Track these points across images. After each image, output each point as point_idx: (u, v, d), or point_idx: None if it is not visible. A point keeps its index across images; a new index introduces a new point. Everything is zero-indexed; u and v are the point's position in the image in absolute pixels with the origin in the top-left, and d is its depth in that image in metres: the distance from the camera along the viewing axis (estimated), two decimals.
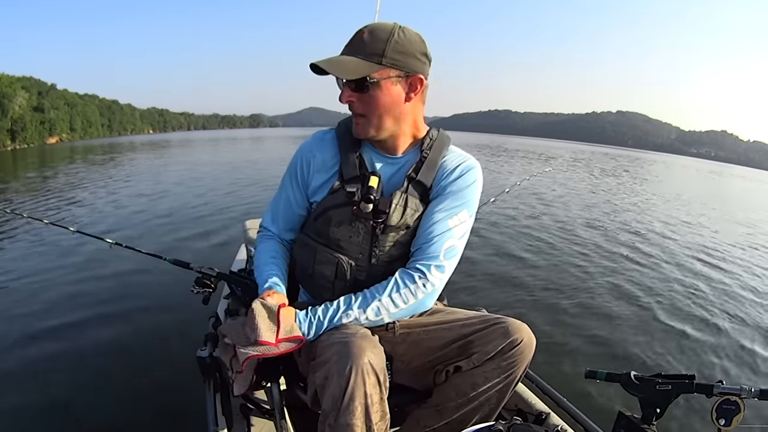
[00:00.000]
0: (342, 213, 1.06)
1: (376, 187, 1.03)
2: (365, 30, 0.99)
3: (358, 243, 1.07)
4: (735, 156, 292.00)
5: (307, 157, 1.13)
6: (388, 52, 0.97)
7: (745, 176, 48.98)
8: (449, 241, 1.06)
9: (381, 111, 1.02)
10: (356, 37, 0.99)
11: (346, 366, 0.85)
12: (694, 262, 5.63)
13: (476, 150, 29.28)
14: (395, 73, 0.99)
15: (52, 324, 3.02)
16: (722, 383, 0.93)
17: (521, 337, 1.01)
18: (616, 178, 18.49)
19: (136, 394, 2.25)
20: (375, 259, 1.08)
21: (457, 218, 1.08)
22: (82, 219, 6.50)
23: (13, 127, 41.14)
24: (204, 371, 1.32)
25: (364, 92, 1.00)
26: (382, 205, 1.04)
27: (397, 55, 0.98)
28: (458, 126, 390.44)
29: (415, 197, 1.08)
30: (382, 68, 0.98)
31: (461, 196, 1.09)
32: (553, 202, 9.43)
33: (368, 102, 1.01)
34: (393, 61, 0.98)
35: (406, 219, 1.07)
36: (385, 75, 0.99)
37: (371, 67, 0.97)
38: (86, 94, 67.22)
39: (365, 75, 0.97)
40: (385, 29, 0.99)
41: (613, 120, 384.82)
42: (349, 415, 0.86)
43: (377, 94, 1.00)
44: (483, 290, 3.97)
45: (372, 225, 1.06)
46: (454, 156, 1.13)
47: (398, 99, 1.03)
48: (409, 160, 1.11)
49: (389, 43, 0.97)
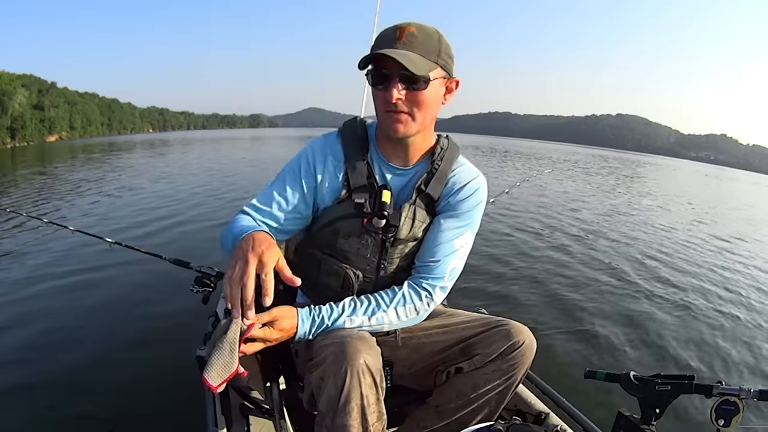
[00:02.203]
0: (351, 225, 1.03)
1: (389, 202, 1.00)
2: (412, 27, 0.93)
3: (366, 255, 1.05)
4: (734, 160, 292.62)
5: (312, 158, 1.06)
6: (442, 53, 0.95)
7: (745, 179, 49.01)
8: (454, 262, 1.06)
9: (426, 109, 0.98)
10: (406, 32, 0.92)
11: (341, 367, 0.85)
12: (694, 261, 5.64)
13: (476, 151, 29.30)
14: (443, 74, 0.97)
15: (51, 324, 3.01)
16: (721, 384, 0.93)
17: (523, 339, 1.01)
18: (615, 179, 18.52)
19: (135, 394, 2.24)
20: (383, 272, 1.07)
21: (463, 239, 1.07)
22: (82, 218, 6.48)
23: (12, 125, 41.16)
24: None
25: (418, 90, 0.94)
26: (392, 219, 1.01)
27: (446, 57, 0.96)
28: (458, 128, 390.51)
29: (422, 209, 1.06)
30: (437, 67, 0.95)
31: (468, 216, 1.08)
32: (552, 203, 9.42)
33: (418, 100, 0.96)
34: (444, 62, 0.96)
35: (415, 231, 1.05)
36: (437, 75, 0.96)
37: (431, 66, 0.93)
38: (86, 93, 67.47)
39: (428, 72, 0.93)
40: (432, 29, 0.95)
41: (613, 123, 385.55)
42: (345, 416, 0.86)
43: (429, 92, 0.96)
44: (483, 291, 3.97)
45: (382, 239, 1.04)
46: (464, 171, 1.10)
47: (439, 99, 1.00)
48: (419, 171, 1.08)
49: (441, 43, 0.95)
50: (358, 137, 1.07)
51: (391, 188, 1.03)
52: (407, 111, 0.96)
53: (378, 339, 1.02)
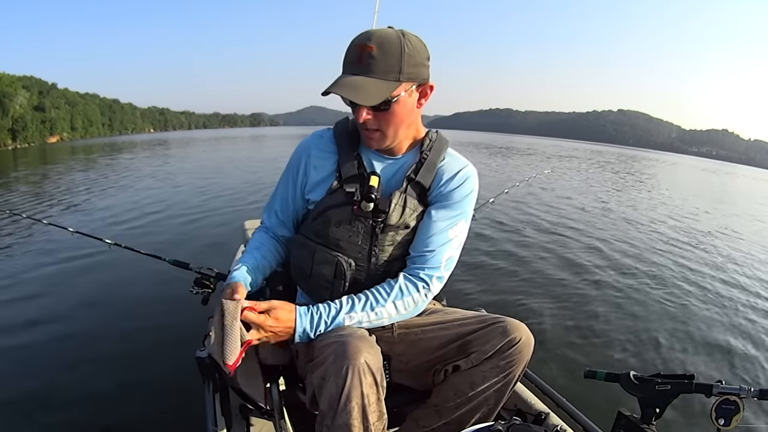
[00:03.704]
0: (342, 212, 1.06)
1: (377, 186, 1.04)
2: (371, 45, 0.92)
3: (358, 243, 1.07)
4: (736, 155, 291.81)
5: (305, 155, 1.12)
6: (404, 68, 0.94)
7: (746, 175, 48.89)
8: (449, 252, 1.07)
9: (398, 124, 1.01)
10: (365, 53, 0.93)
11: (342, 366, 0.86)
12: (693, 262, 5.63)
13: (476, 149, 29.26)
14: (410, 85, 0.98)
15: (50, 325, 3.02)
16: (722, 383, 0.93)
17: (519, 336, 1.01)
18: (615, 175, 18.48)
19: (134, 395, 2.25)
20: (375, 259, 1.08)
21: (457, 228, 1.08)
22: (82, 219, 6.50)
23: (14, 126, 41.24)
24: (203, 371, 1.32)
25: (384, 110, 0.97)
26: (381, 205, 1.04)
27: (411, 69, 0.95)
28: (459, 125, 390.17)
29: (413, 197, 1.08)
30: (400, 84, 0.95)
31: (460, 206, 1.09)
32: (551, 203, 9.41)
33: (387, 119, 0.99)
34: (409, 75, 0.95)
35: (406, 218, 1.07)
36: (402, 90, 0.96)
37: (391, 87, 0.94)
38: (87, 93, 67.50)
39: (388, 94, 0.94)
40: (393, 42, 0.93)
41: (615, 119, 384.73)
42: (346, 415, 0.86)
43: (396, 110, 0.98)
44: (482, 290, 3.97)
45: (372, 224, 1.05)
46: (453, 160, 1.13)
47: (412, 109, 1.02)
48: (408, 161, 1.11)
49: (403, 58, 0.93)
50: (349, 132, 1.11)
51: (380, 175, 1.07)
52: (377, 128, 1.01)
53: (375, 334, 1.03)
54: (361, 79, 0.93)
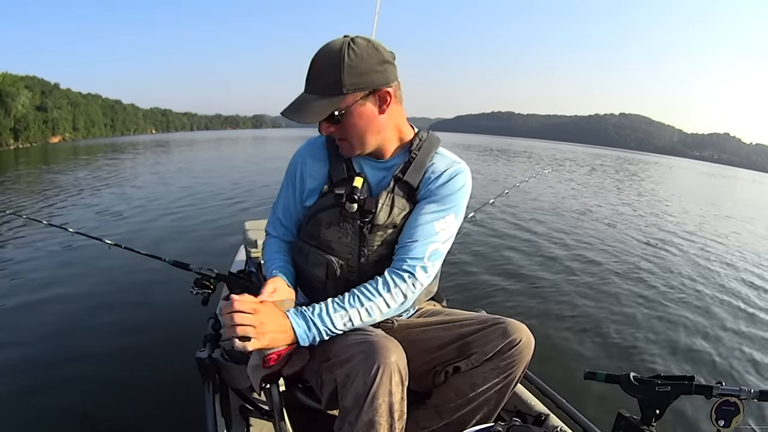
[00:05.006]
0: (330, 214, 1.08)
1: (360, 187, 1.05)
2: (317, 60, 0.96)
3: (348, 243, 1.07)
4: (737, 159, 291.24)
5: (300, 163, 1.16)
6: (345, 80, 0.93)
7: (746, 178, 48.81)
8: (434, 244, 1.05)
9: (359, 133, 1.02)
10: (311, 70, 0.97)
11: (373, 364, 0.87)
12: (694, 261, 5.63)
13: (478, 152, 29.25)
14: (360, 95, 0.97)
15: (50, 325, 3.02)
16: (722, 384, 0.92)
17: (520, 337, 1.01)
18: (615, 179, 18.47)
19: (135, 396, 2.25)
20: (364, 259, 1.08)
21: (444, 222, 1.07)
22: (82, 219, 6.51)
23: (16, 126, 41.31)
24: (203, 372, 1.32)
25: (338, 122, 0.99)
26: (368, 205, 1.05)
27: (355, 79, 0.94)
28: (461, 128, 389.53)
29: (401, 197, 1.08)
30: (344, 97, 0.95)
31: (449, 201, 1.08)
32: (551, 204, 9.42)
33: (345, 129, 1.01)
34: (353, 86, 0.95)
35: (393, 218, 1.07)
36: (350, 101, 0.96)
37: (333, 102, 0.95)
38: (89, 94, 67.56)
39: (331, 110, 0.96)
40: (334, 55, 0.94)
41: (616, 122, 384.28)
42: (372, 411, 0.88)
43: (350, 121, 0.99)
44: (482, 291, 3.97)
45: (359, 225, 1.06)
46: (443, 159, 1.12)
47: (372, 116, 1.01)
48: (397, 163, 1.11)
49: (343, 70, 0.93)
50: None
51: (366, 176, 1.09)
52: (343, 138, 1.04)
53: None
54: (305, 97, 0.98)
